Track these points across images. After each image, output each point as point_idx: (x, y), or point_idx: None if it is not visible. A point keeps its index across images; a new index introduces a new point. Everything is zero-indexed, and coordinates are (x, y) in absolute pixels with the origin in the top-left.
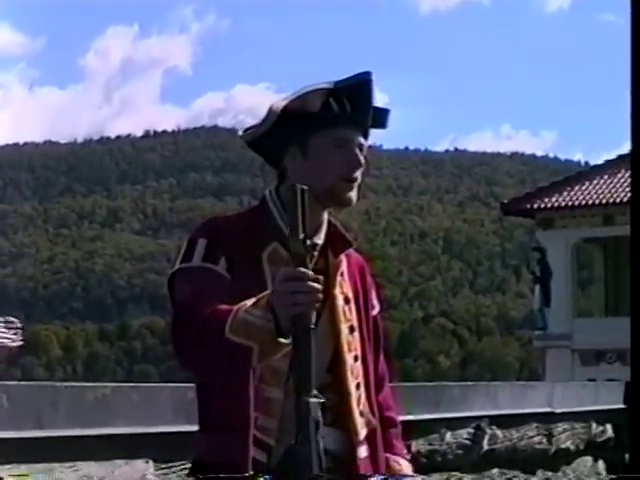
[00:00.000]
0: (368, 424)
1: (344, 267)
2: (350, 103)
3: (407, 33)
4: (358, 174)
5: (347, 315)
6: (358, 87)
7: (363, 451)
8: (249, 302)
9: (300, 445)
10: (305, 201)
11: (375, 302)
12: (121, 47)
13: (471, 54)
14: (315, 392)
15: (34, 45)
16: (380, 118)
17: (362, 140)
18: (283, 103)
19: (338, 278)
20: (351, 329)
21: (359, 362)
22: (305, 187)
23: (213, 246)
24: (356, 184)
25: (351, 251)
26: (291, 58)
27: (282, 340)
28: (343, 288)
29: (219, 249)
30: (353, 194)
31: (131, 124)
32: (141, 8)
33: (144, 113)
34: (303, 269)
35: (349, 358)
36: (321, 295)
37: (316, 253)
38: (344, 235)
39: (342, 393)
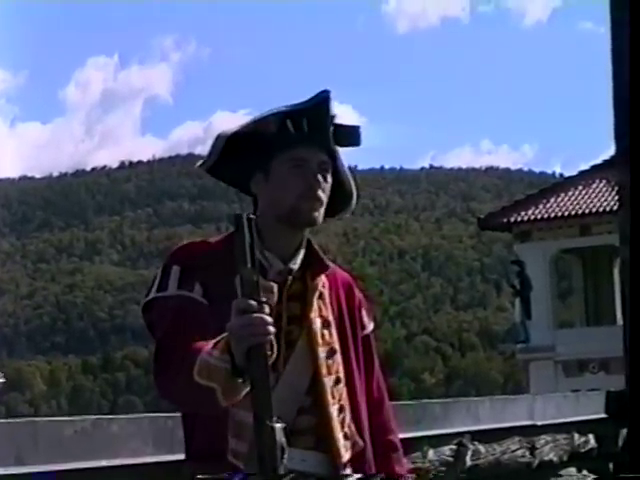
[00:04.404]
0: (354, 446)
1: (324, 289)
2: (308, 123)
3: (386, 52)
4: (320, 193)
5: (326, 338)
6: (315, 106)
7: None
8: (212, 342)
9: (268, 471)
10: (252, 228)
11: (366, 321)
12: (102, 78)
13: (451, 70)
14: (275, 418)
15: (15, 80)
16: (351, 136)
17: (324, 158)
18: (232, 130)
19: (316, 301)
20: (331, 352)
21: (342, 384)
22: (252, 215)
23: (187, 272)
24: (320, 203)
25: (337, 270)
26: (271, 82)
27: (239, 380)
28: (322, 311)
29: (193, 275)
30: (317, 213)
31: (113, 156)
32: (122, 38)
33: (125, 144)
34: (249, 301)
35: (329, 381)
36: (270, 327)
37: (291, 277)
38: (322, 258)
39: (322, 416)
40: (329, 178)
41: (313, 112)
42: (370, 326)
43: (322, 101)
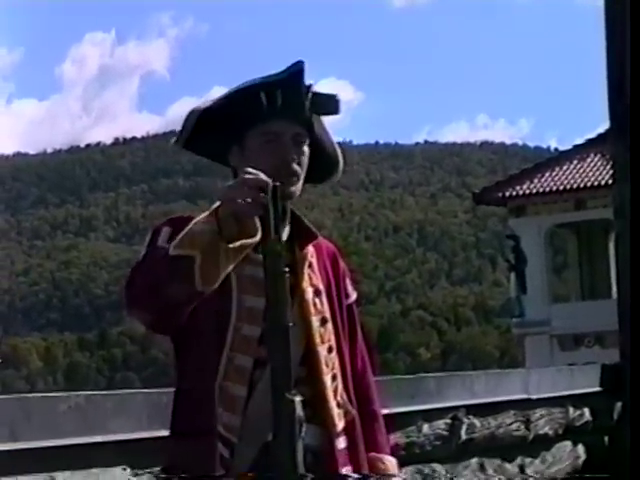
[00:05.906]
0: (346, 415)
1: (313, 259)
2: (282, 95)
3: (382, 26)
4: (295, 166)
5: (318, 307)
6: (289, 78)
7: (341, 442)
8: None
9: (285, 444)
10: (277, 197)
11: (350, 290)
12: (98, 54)
13: (447, 44)
14: (294, 391)
15: (11, 57)
16: (328, 104)
17: (299, 130)
18: (205, 105)
19: (306, 271)
20: (323, 321)
21: (334, 353)
22: (277, 183)
23: (177, 234)
24: (296, 177)
25: (321, 240)
26: (268, 57)
27: (224, 246)
28: (312, 280)
29: None
30: (294, 187)
31: (110, 132)
32: (119, 14)
33: (122, 121)
34: (259, 177)
35: (322, 350)
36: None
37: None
38: (309, 227)
39: (317, 386)
40: (305, 149)
41: (287, 84)
42: (354, 295)
43: (296, 72)
